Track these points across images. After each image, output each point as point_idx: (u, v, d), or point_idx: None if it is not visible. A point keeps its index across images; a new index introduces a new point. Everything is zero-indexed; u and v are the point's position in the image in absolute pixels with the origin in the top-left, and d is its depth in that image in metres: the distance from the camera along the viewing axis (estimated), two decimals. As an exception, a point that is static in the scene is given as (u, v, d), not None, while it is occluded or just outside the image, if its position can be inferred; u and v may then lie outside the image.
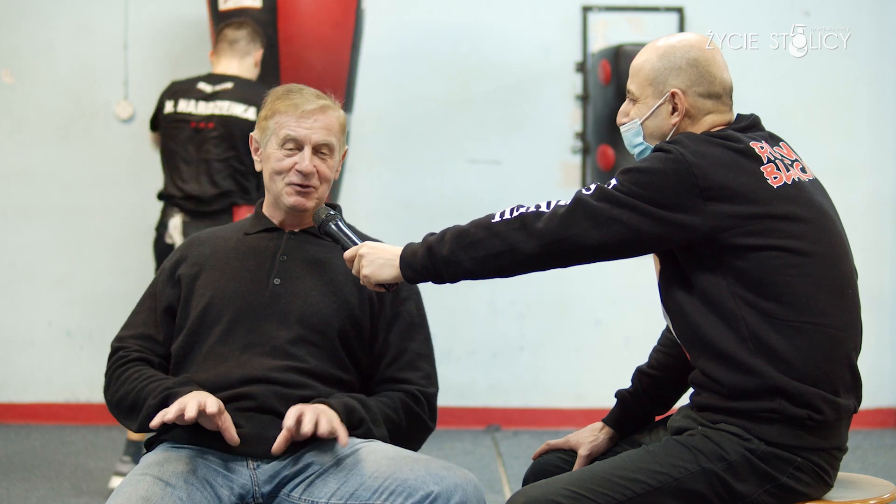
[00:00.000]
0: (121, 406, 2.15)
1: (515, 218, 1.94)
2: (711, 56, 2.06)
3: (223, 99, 3.99)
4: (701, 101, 2.05)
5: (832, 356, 1.92)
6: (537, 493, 1.90)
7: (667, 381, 2.26)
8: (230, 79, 4.04)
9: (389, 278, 2.04)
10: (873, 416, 5.15)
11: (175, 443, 2.10)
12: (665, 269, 2.02)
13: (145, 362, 2.19)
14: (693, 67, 2.05)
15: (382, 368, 2.21)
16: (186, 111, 4.03)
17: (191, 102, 4.04)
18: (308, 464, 2.04)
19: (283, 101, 2.24)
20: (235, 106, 3.98)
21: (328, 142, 2.23)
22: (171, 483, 1.97)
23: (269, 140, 2.25)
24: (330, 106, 2.25)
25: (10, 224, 5.25)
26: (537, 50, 5.26)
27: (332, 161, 2.25)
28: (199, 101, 4.02)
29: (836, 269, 1.96)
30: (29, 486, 4.11)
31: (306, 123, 2.21)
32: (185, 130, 4.01)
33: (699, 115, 2.05)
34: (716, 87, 2.06)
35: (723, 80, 2.07)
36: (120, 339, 2.24)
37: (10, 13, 5.23)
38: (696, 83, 2.04)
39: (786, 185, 1.95)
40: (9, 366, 5.27)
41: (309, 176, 2.21)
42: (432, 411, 2.22)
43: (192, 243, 2.32)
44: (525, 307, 5.29)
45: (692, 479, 1.88)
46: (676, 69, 2.05)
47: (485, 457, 4.66)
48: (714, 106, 2.06)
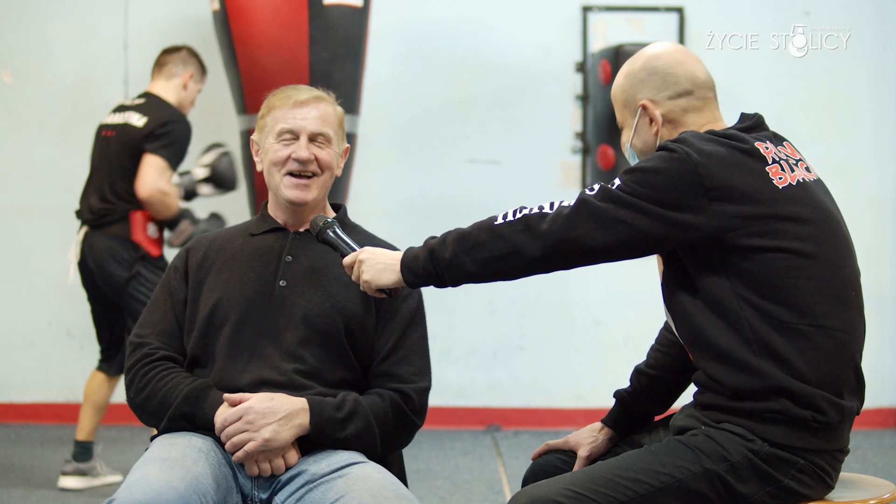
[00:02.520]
0: (145, 407, 2.17)
1: (519, 220, 1.93)
2: (672, 58, 2.06)
3: (131, 111, 4.13)
4: (673, 103, 2.05)
5: (836, 358, 1.92)
6: (539, 493, 1.90)
7: (665, 381, 2.25)
8: (147, 95, 4.19)
9: (390, 283, 2.03)
10: (873, 416, 5.15)
11: None
12: (669, 270, 2.01)
13: (170, 360, 2.20)
14: (653, 75, 2.05)
15: (377, 363, 2.21)
16: (104, 122, 4.21)
17: (112, 115, 4.21)
18: (301, 471, 2.06)
19: (278, 97, 2.26)
20: (133, 115, 4.10)
21: (323, 131, 2.23)
22: (202, 450, 2.04)
23: (266, 137, 2.26)
24: (324, 97, 2.27)
25: (10, 224, 5.25)
26: (537, 50, 5.26)
27: (330, 150, 2.24)
28: (116, 113, 4.18)
29: (840, 271, 1.96)
30: (29, 485, 4.11)
31: (301, 113, 2.22)
32: (99, 140, 4.18)
33: (679, 118, 2.05)
34: (683, 86, 2.05)
35: (690, 77, 2.05)
36: (140, 336, 2.23)
37: (9, 13, 5.23)
38: (660, 89, 2.05)
39: (791, 185, 1.95)
40: (9, 366, 5.27)
41: (307, 163, 2.21)
42: (422, 407, 2.21)
43: (199, 244, 2.32)
44: (525, 307, 5.29)
45: (694, 480, 1.88)
46: (639, 83, 2.06)
47: (485, 457, 4.66)
48: (689, 104, 2.05)
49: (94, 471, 4.10)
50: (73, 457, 4.09)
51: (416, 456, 4.54)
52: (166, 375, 2.15)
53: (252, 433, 2.03)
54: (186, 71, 4.21)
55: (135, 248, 4.02)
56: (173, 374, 2.16)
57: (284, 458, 2.06)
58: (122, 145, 4.05)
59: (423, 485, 4.16)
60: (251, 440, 2.02)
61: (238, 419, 2.04)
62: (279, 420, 2.04)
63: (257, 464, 2.05)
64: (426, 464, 4.51)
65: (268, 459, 2.05)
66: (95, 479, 4.09)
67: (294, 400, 2.07)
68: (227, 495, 2.03)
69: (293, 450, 2.07)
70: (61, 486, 4.05)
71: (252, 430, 2.03)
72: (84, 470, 4.07)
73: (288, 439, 2.05)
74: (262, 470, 2.05)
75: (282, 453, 2.06)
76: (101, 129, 4.20)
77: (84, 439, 4.10)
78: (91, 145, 4.23)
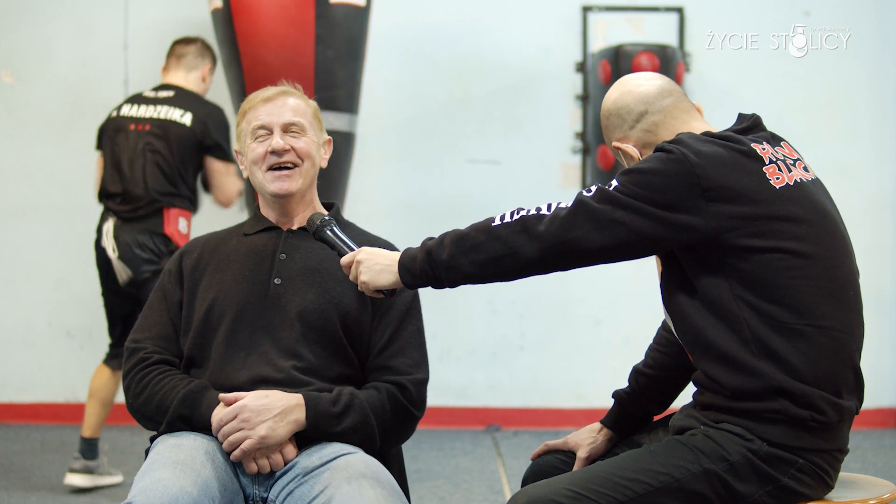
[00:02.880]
0: (143, 411, 2.17)
1: (516, 221, 1.93)
2: (617, 93, 2.12)
3: (162, 104, 4.10)
4: (637, 130, 2.10)
5: (835, 358, 1.92)
6: (538, 493, 1.90)
7: (664, 380, 2.25)
8: (173, 88, 4.16)
9: (388, 284, 2.03)
10: (873, 416, 5.15)
11: None
12: (667, 270, 2.02)
13: (166, 363, 2.20)
14: (609, 118, 2.13)
15: (373, 356, 2.22)
16: (127, 114, 4.13)
17: (133, 107, 4.14)
18: (294, 464, 2.06)
19: (248, 101, 2.31)
20: (173, 111, 4.07)
21: (295, 121, 2.25)
22: (209, 453, 2.04)
23: (245, 140, 2.29)
24: (293, 92, 2.31)
25: (10, 224, 5.25)
26: (537, 50, 5.26)
27: (306, 138, 2.26)
28: (141, 105, 4.13)
29: (839, 270, 1.96)
30: (29, 485, 4.11)
31: (270, 108, 2.26)
32: (123, 132, 4.10)
33: (651, 138, 2.09)
34: (636, 110, 2.09)
35: (639, 99, 2.09)
36: (136, 341, 2.24)
37: (9, 13, 5.23)
38: (620, 125, 2.11)
39: (788, 185, 1.95)
40: (9, 366, 5.27)
41: (283, 153, 2.23)
42: (420, 398, 2.21)
43: (193, 246, 2.33)
44: (525, 307, 5.29)
45: (693, 480, 1.88)
46: (605, 130, 2.16)
47: (485, 457, 4.66)
48: (651, 121, 2.08)
49: (100, 469, 4.10)
50: (81, 454, 4.08)
51: (416, 456, 4.55)
52: (162, 379, 2.15)
53: (248, 431, 2.03)
54: (205, 64, 4.23)
55: (165, 242, 4.01)
56: (169, 376, 2.16)
57: (282, 454, 2.06)
58: (168, 142, 4.03)
59: (423, 485, 4.16)
60: (247, 438, 2.03)
61: (233, 418, 2.04)
62: (274, 417, 2.04)
63: (255, 461, 2.05)
64: (426, 464, 4.51)
65: (265, 456, 2.05)
66: (101, 477, 4.08)
67: (289, 396, 2.08)
68: (234, 498, 2.03)
69: (290, 445, 2.07)
70: (67, 483, 4.04)
71: (248, 428, 2.03)
72: (91, 468, 4.07)
73: (284, 436, 2.05)
74: (261, 467, 2.05)
75: (279, 449, 2.06)
76: (126, 121, 4.10)
77: (90, 436, 4.09)
78: (108, 137, 4.12)
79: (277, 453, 2.06)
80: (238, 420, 2.04)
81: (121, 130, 4.11)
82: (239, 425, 2.04)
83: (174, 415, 2.11)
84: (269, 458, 2.05)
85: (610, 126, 2.14)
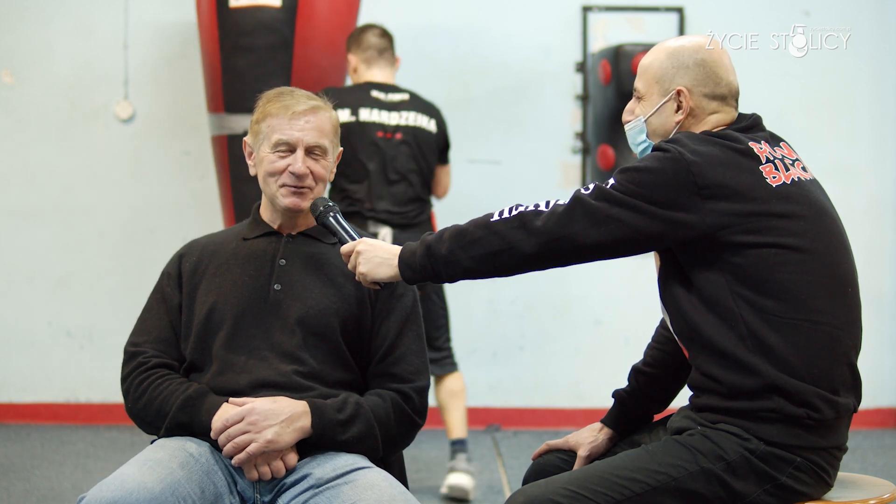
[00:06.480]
0: (143, 416, 2.17)
1: (514, 217, 1.95)
2: (719, 58, 2.08)
3: (406, 110, 4.03)
4: (706, 101, 2.06)
5: (831, 354, 1.92)
6: (536, 493, 1.90)
7: (663, 378, 2.26)
8: (401, 90, 4.10)
9: (386, 278, 2.04)
10: (873, 416, 5.15)
11: None
12: (664, 266, 2.02)
13: (165, 367, 2.20)
14: (700, 67, 2.06)
15: (375, 363, 2.22)
16: (370, 120, 3.99)
17: (373, 112, 4.01)
18: (306, 475, 2.05)
19: (274, 104, 2.24)
20: (420, 117, 4.05)
21: (320, 143, 2.22)
22: (194, 455, 2.04)
23: (261, 144, 2.24)
24: (321, 107, 2.25)
25: (10, 224, 5.25)
26: (537, 50, 5.25)
27: (325, 161, 2.24)
28: (382, 111, 4.01)
29: (836, 267, 1.96)
30: (29, 486, 4.11)
31: (298, 125, 2.20)
32: (372, 140, 3.97)
33: (702, 115, 2.06)
34: (721, 89, 2.06)
35: (729, 83, 2.08)
36: (135, 345, 2.23)
37: (9, 13, 5.22)
38: (701, 83, 2.06)
39: (785, 184, 1.96)
40: (9, 366, 5.27)
41: (303, 177, 2.21)
42: (423, 406, 2.22)
43: (192, 249, 2.32)
44: (525, 307, 5.29)
45: (691, 479, 1.88)
46: (684, 68, 2.06)
47: (485, 457, 4.66)
48: (718, 107, 2.07)
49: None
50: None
51: (416, 456, 4.54)
52: (161, 384, 2.15)
53: (255, 434, 2.02)
54: (395, 57, 4.19)
55: None
56: (167, 381, 2.15)
57: (284, 461, 2.06)
58: (419, 147, 4.02)
59: (423, 485, 4.16)
60: (253, 441, 2.02)
61: (240, 420, 2.03)
62: (282, 422, 2.04)
63: (256, 467, 2.05)
64: (426, 464, 4.51)
65: (267, 462, 2.04)
66: None
67: (296, 403, 2.07)
68: (215, 502, 2.02)
69: (292, 452, 2.07)
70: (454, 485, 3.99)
71: (255, 431, 2.03)
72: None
73: (289, 441, 2.05)
74: (262, 473, 2.04)
75: (280, 455, 2.06)
76: (374, 128, 3.95)
77: None
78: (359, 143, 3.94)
79: (279, 460, 2.05)
80: (245, 422, 2.03)
81: (368, 138, 3.96)
82: (246, 427, 2.03)
83: (173, 422, 2.11)
84: (271, 465, 2.05)
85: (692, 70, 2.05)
